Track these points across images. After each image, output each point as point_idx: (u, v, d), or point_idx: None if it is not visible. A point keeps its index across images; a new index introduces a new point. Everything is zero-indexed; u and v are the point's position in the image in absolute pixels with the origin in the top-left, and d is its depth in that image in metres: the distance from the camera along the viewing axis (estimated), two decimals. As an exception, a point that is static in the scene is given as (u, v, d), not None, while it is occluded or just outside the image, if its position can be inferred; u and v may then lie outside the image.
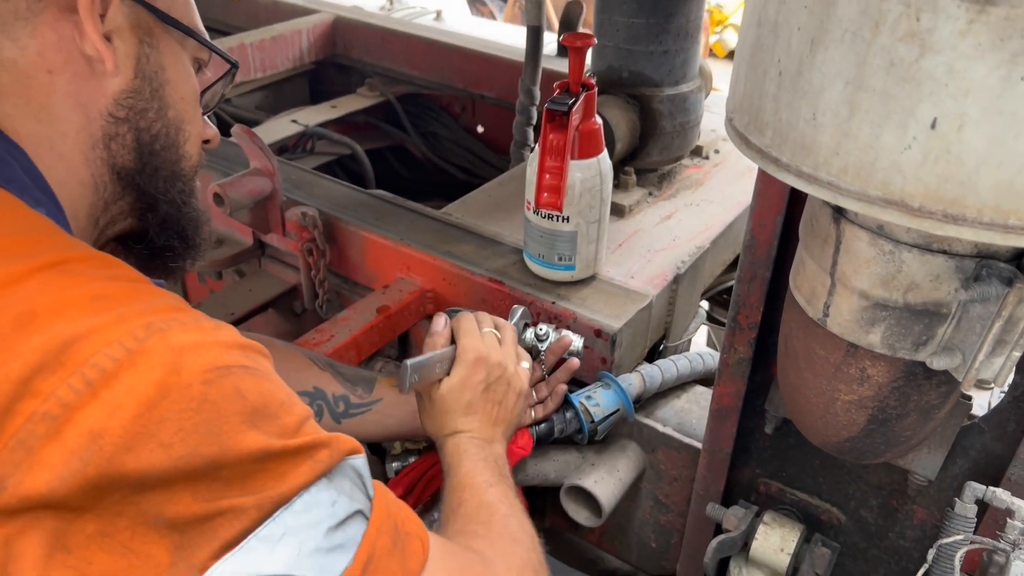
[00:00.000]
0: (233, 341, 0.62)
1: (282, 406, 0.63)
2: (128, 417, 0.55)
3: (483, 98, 2.30)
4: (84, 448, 0.53)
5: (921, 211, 0.53)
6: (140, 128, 0.78)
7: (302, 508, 0.62)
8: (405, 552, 0.69)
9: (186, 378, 0.57)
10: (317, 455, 0.63)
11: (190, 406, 0.56)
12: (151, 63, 0.78)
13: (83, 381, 0.54)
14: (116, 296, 0.60)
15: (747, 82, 0.61)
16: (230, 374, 0.59)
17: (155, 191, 0.81)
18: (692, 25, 1.46)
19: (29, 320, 0.56)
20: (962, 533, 0.85)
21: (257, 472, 0.60)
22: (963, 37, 0.47)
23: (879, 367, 0.71)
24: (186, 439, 0.56)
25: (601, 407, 1.17)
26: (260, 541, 0.59)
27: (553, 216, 1.20)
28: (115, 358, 0.55)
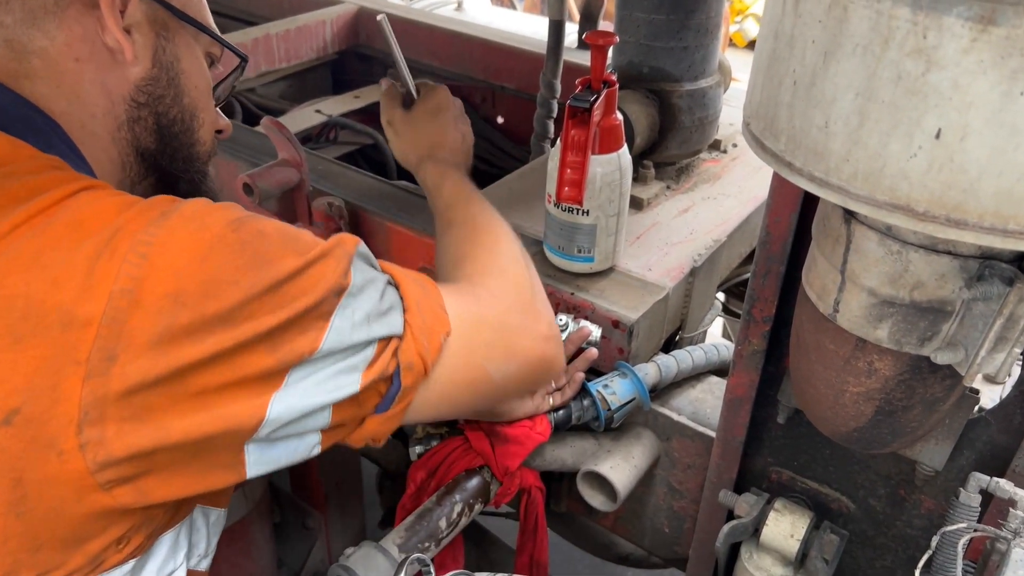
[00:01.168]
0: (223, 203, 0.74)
1: (292, 230, 0.75)
2: (193, 272, 0.66)
3: (503, 89, 2.32)
4: (170, 307, 0.64)
5: (926, 215, 0.56)
6: (159, 112, 0.88)
7: (356, 290, 0.75)
8: (429, 292, 0.84)
9: (217, 231, 0.69)
10: (336, 253, 0.75)
11: (234, 249, 0.68)
12: (167, 54, 0.87)
13: (138, 256, 0.65)
14: (132, 202, 0.70)
15: (763, 90, 0.64)
16: (245, 221, 0.71)
17: (175, 171, 0.92)
18: (712, 21, 1.48)
19: (78, 226, 0.66)
20: (966, 521, 0.88)
21: (307, 277, 0.72)
22: (966, 54, 0.50)
23: (886, 361, 0.74)
24: (247, 273, 0.68)
25: (618, 396, 1.20)
26: (341, 319, 0.73)
27: (573, 209, 1.23)
28: (152, 234, 0.66)
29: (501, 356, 0.91)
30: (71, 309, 0.63)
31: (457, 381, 0.86)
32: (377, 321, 0.77)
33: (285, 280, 0.70)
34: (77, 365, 0.62)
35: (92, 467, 0.64)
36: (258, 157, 1.56)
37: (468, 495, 1.19)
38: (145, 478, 0.67)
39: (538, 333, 0.96)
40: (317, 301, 0.72)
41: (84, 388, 0.62)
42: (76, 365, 0.62)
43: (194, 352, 0.65)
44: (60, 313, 0.63)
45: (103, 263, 0.64)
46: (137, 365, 0.63)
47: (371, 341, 0.76)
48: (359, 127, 2.25)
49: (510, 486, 1.22)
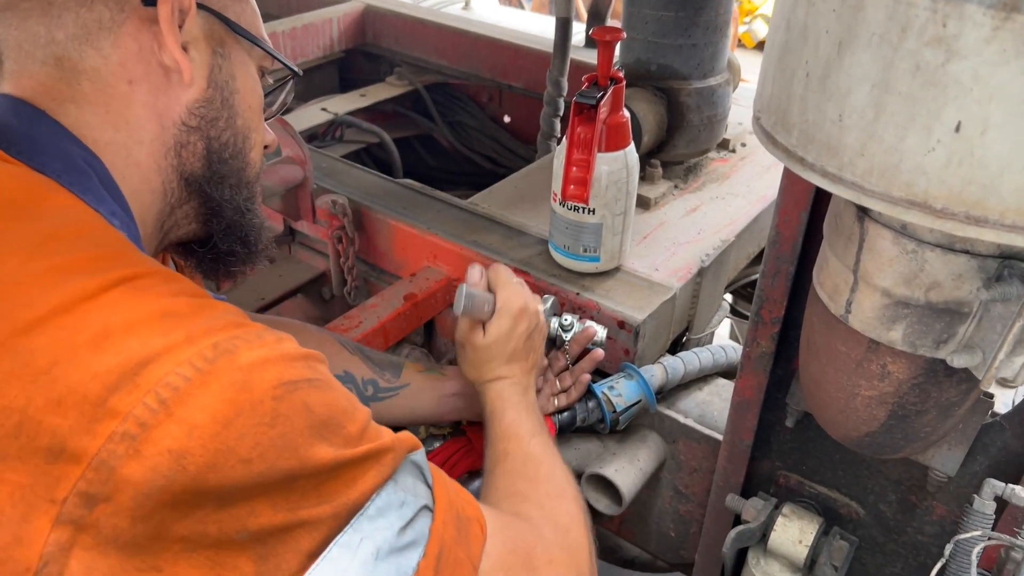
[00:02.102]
0: (296, 353, 0.64)
1: (345, 414, 0.65)
2: (207, 435, 0.56)
3: (510, 88, 2.31)
4: (167, 467, 0.55)
5: (944, 212, 0.54)
6: (211, 137, 0.80)
7: (375, 513, 0.65)
8: (468, 537, 0.72)
9: (257, 395, 0.58)
10: (383, 459, 0.66)
11: (264, 421, 0.58)
12: (223, 73, 0.80)
13: (157, 400, 0.55)
14: (183, 313, 0.61)
15: (775, 83, 0.63)
16: (297, 389, 0.61)
17: (221, 197, 0.83)
18: (721, 19, 1.46)
19: (103, 338, 0.57)
20: (980, 529, 0.86)
21: (329, 481, 0.62)
22: (988, 43, 0.48)
23: (900, 364, 0.72)
24: (264, 454, 0.58)
25: (623, 397, 1.18)
26: (341, 548, 0.62)
27: (579, 208, 1.22)
28: (187, 377, 0.57)
29: None
30: (65, 439, 0.55)
31: None
32: (386, 560, 0.65)
33: (307, 475, 0.61)
34: (52, 504, 0.54)
35: None
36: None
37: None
38: None
39: None
40: (328, 515, 0.62)
41: (51, 533, 0.54)
42: (51, 504, 0.54)
43: (176, 524, 0.56)
44: (53, 440, 0.55)
45: (119, 398, 0.56)
46: (114, 520, 0.54)
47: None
48: (365, 126, 2.24)
49: (514, 489, 1.21)
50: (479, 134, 2.44)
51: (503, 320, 1.06)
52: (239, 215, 0.85)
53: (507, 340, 1.06)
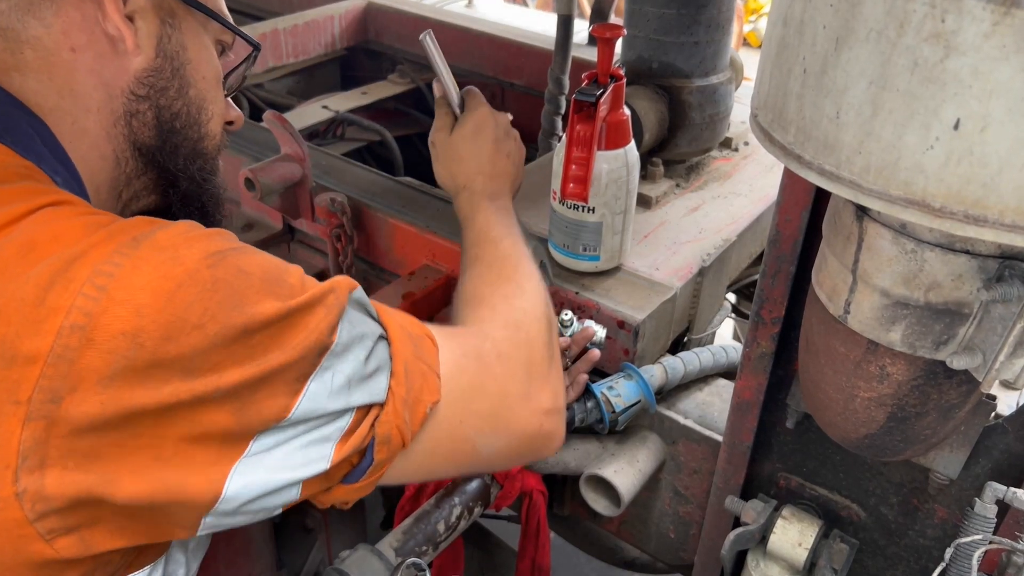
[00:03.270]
0: (211, 231, 0.67)
1: (279, 269, 0.68)
2: (155, 310, 0.59)
3: (513, 86, 2.30)
4: (125, 348, 0.58)
5: (943, 211, 0.53)
6: (161, 106, 0.81)
7: (341, 349, 0.69)
8: (424, 350, 0.77)
9: (191, 265, 0.61)
10: (328, 301, 0.69)
11: (205, 287, 0.61)
12: (172, 43, 0.81)
13: (95, 288, 0.58)
14: (103, 223, 0.64)
15: (772, 79, 0.62)
16: (226, 256, 0.64)
17: (175, 168, 0.84)
18: (723, 16, 1.45)
19: (30, 250, 0.60)
20: (981, 533, 0.85)
21: (286, 329, 0.65)
22: (988, 39, 0.47)
23: (899, 365, 0.71)
24: (215, 316, 0.61)
25: (622, 398, 1.17)
26: (318, 383, 0.67)
27: (578, 207, 1.21)
28: (117, 264, 0.60)
29: (492, 429, 0.82)
30: (15, 343, 0.57)
31: (439, 453, 0.79)
32: (359, 387, 0.70)
33: (259, 328, 0.63)
34: (17, 405, 0.57)
35: (31, 516, 0.58)
36: (261, 152, 1.55)
37: (467, 498, 1.17)
38: (90, 529, 0.61)
39: (540, 406, 0.86)
40: (293, 360, 0.65)
41: (24, 431, 0.57)
42: (16, 405, 0.57)
43: (148, 398, 0.59)
44: (3, 347, 0.57)
45: (56, 293, 0.58)
46: (84, 407, 0.57)
47: (348, 409, 0.69)
48: (367, 123, 2.23)
49: (511, 489, 1.20)
50: (481, 132, 2.43)
51: (470, 117, 1.13)
52: (195, 186, 0.87)
53: (474, 139, 1.11)
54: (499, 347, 0.85)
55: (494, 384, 0.83)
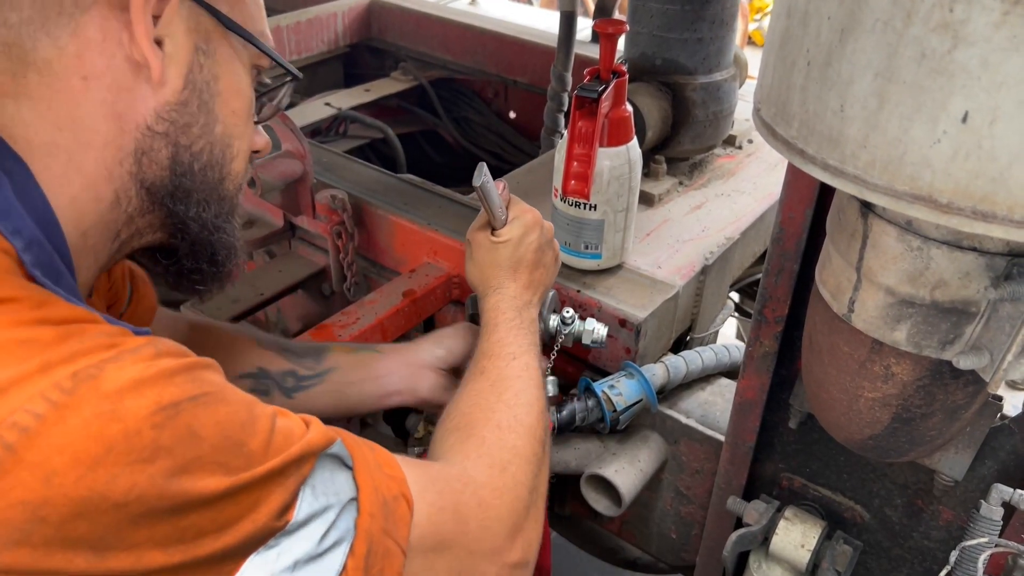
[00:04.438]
0: (177, 366, 0.56)
1: (244, 428, 0.58)
2: (70, 481, 0.49)
3: (516, 84, 2.29)
4: (22, 521, 0.48)
5: (950, 207, 0.51)
6: (180, 144, 0.70)
7: (295, 527, 0.60)
8: (395, 520, 0.68)
9: (132, 424, 0.51)
10: (288, 472, 0.60)
11: (141, 456, 0.51)
12: (204, 72, 0.70)
13: (2, 445, 0.48)
14: (44, 341, 0.52)
15: (775, 73, 0.60)
16: (180, 412, 0.54)
17: (185, 214, 0.73)
18: (727, 13, 1.44)
19: None
20: (987, 536, 0.84)
21: (229, 508, 0.56)
22: (997, 29, 0.46)
23: (904, 365, 0.70)
24: (143, 495, 0.51)
25: (624, 397, 1.16)
26: (256, 568, 0.58)
27: (580, 204, 1.20)
28: (38, 414, 0.49)
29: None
30: None
31: None
32: (306, 567, 0.60)
33: (195, 508, 0.54)
34: None
35: None
36: (262, 148, 1.54)
37: (467, 497, 1.16)
38: None
39: (508, 560, 0.79)
40: (230, 546, 0.56)
41: None
42: None
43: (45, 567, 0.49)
44: None
45: None
46: None
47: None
48: (369, 121, 2.22)
49: (511, 488, 1.19)
50: (484, 130, 2.42)
51: (515, 226, 1.04)
52: (207, 233, 0.76)
53: (516, 246, 1.03)
54: (480, 494, 0.77)
55: (465, 541, 0.75)
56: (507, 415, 0.87)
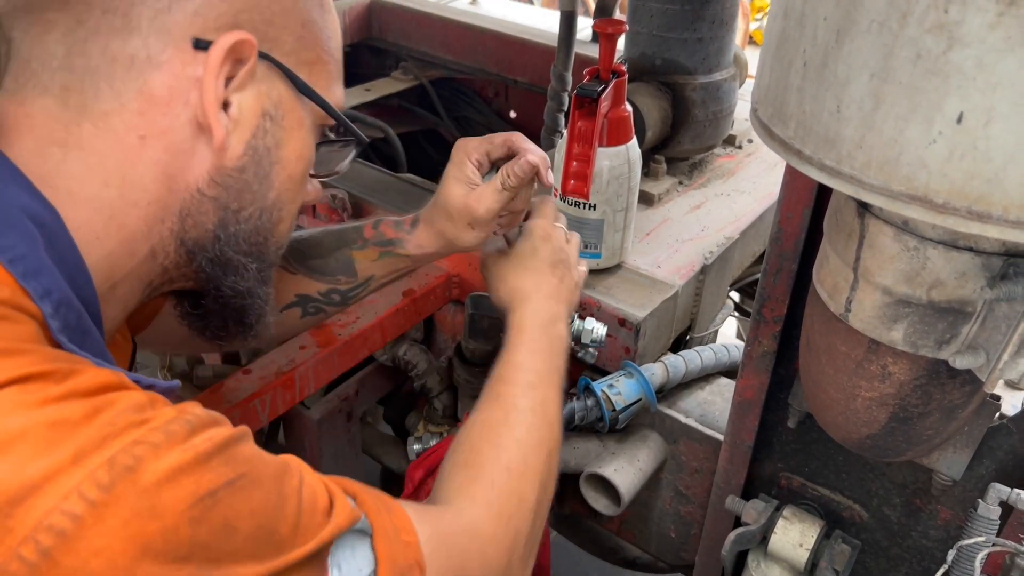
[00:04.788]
0: (211, 447, 0.53)
1: (275, 513, 0.56)
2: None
3: (516, 83, 2.29)
4: None
5: (945, 207, 0.52)
6: (229, 209, 0.67)
7: None
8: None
9: (170, 521, 0.49)
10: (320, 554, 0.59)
11: (179, 555, 0.49)
12: (267, 138, 0.67)
13: (38, 551, 0.45)
14: (74, 420, 0.49)
15: (772, 73, 0.61)
16: (217, 502, 0.52)
17: (221, 281, 0.71)
18: (727, 13, 1.44)
19: None
20: (984, 535, 0.84)
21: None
22: (992, 30, 0.46)
23: (901, 365, 0.70)
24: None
25: (623, 396, 1.17)
26: None
27: (580, 204, 1.20)
28: (76, 515, 0.46)
29: None
30: None
31: None
32: None
33: None
34: None
35: None
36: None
37: (467, 496, 1.16)
38: None
39: None
40: None
41: None
42: None
43: None
44: None
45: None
46: None
47: None
48: (370, 120, 2.22)
49: (510, 487, 1.19)
50: (485, 129, 2.42)
51: (527, 240, 0.98)
52: (239, 299, 0.73)
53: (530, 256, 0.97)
54: (485, 550, 0.76)
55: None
56: (517, 457, 0.83)
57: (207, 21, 0.61)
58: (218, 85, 0.61)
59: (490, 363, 1.27)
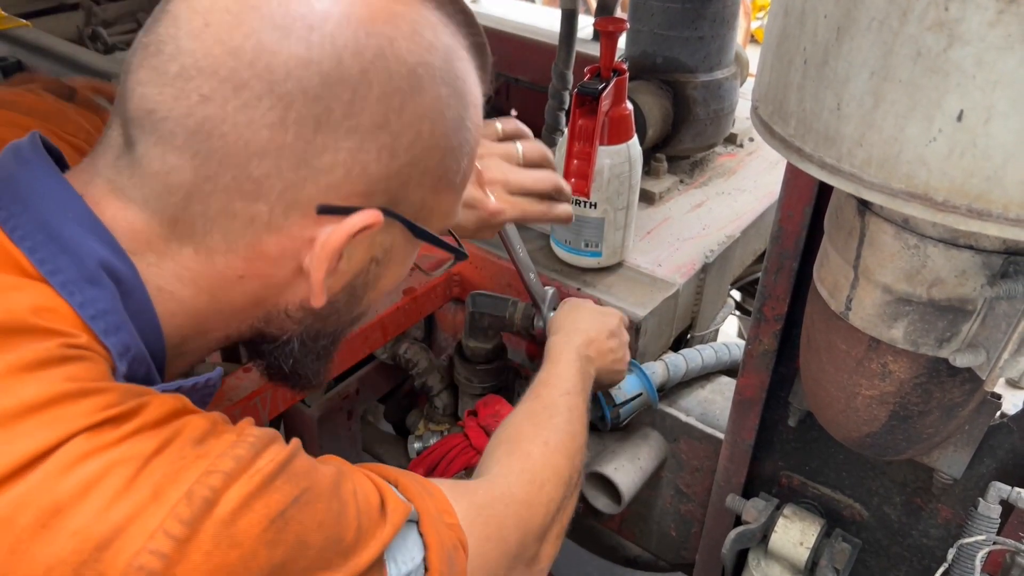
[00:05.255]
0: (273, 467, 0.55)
1: (340, 521, 0.58)
2: None
3: (517, 82, 2.29)
4: None
5: (945, 205, 0.52)
6: (311, 327, 0.69)
7: None
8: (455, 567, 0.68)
9: (248, 548, 0.51)
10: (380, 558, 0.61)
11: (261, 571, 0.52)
12: (369, 276, 0.68)
13: None
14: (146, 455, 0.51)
15: (773, 71, 0.60)
16: (288, 521, 0.54)
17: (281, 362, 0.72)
18: (728, 11, 1.44)
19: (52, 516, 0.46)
20: (985, 533, 0.84)
21: None
22: (992, 27, 0.46)
23: (901, 363, 0.70)
24: None
25: (623, 390, 1.16)
26: None
27: (581, 202, 1.20)
28: (164, 554, 0.48)
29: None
30: None
31: None
32: None
33: None
34: None
35: None
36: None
37: (467, 494, 1.16)
38: None
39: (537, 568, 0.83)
40: None
41: None
42: None
43: None
44: None
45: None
46: None
47: None
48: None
49: (511, 486, 1.19)
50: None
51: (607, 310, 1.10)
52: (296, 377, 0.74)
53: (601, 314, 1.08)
54: (520, 513, 0.80)
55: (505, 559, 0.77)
56: (555, 436, 0.90)
57: (339, 193, 0.60)
58: (332, 259, 0.61)
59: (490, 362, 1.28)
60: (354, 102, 0.57)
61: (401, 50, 0.59)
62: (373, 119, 0.59)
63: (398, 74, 0.59)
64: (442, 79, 0.62)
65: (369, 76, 0.58)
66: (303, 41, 0.56)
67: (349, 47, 0.57)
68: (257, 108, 0.55)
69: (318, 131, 0.57)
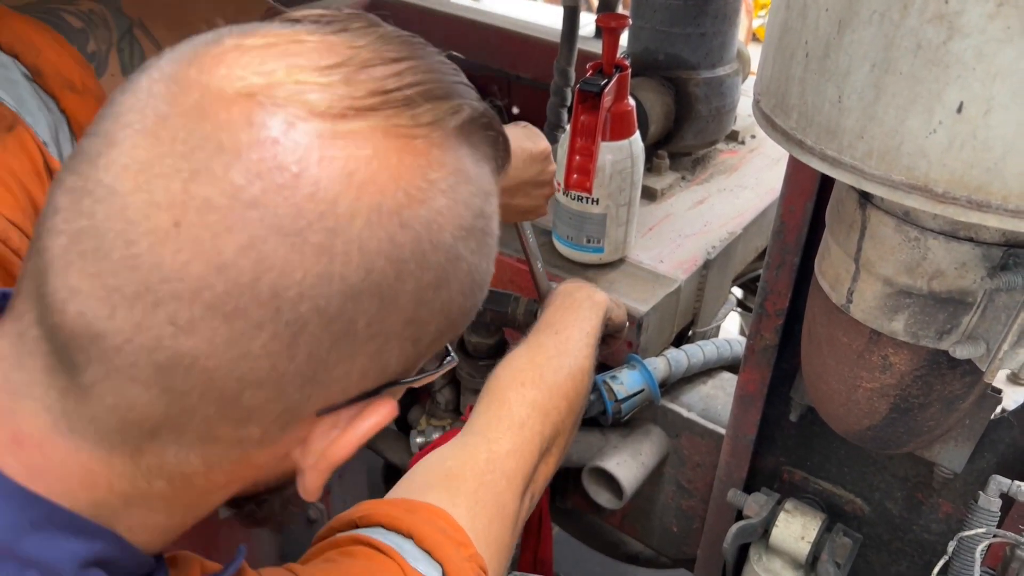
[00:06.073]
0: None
1: None
2: None
3: (519, 79, 2.29)
4: None
5: (945, 197, 0.52)
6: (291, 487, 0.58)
7: None
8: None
9: None
10: None
11: None
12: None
13: None
14: None
15: (774, 64, 0.61)
16: None
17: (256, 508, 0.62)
18: (730, 7, 1.44)
19: None
20: (985, 527, 0.84)
21: None
22: (992, 20, 0.46)
23: (902, 355, 0.71)
24: None
25: (625, 386, 1.17)
26: None
27: (583, 198, 1.20)
28: None
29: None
30: None
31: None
32: None
33: None
34: None
35: None
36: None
37: (470, 489, 1.16)
38: None
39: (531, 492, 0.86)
40: None
41: None
42: None
43: None
44: None
45: None
46: None
47: None
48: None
49: (513, 481, 1.19)
50: (488, 126, 2.42)
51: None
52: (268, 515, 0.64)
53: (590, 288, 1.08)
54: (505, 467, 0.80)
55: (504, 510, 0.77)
56: (532, 373, 0.90)
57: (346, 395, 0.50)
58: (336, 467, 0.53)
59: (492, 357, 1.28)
60: (383, 309, 0.46)
61: (440, 233, 0.47)
62: (402, 318, 0.47)
63: (436, 264, 0.47)
64: (476, 241, 0.51)
65: (403, 276, 0.46)
66: (323, 252, 0.42)
67: (383, 251, 0.44)
68: (257, 339, 0.42)
69: (333, 348, 0.45)
